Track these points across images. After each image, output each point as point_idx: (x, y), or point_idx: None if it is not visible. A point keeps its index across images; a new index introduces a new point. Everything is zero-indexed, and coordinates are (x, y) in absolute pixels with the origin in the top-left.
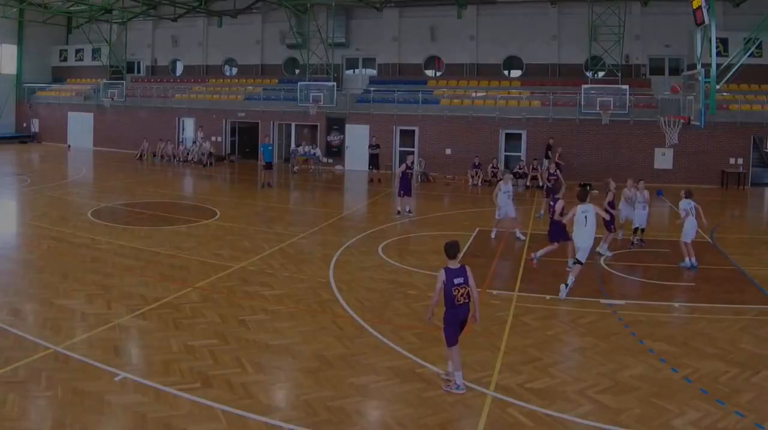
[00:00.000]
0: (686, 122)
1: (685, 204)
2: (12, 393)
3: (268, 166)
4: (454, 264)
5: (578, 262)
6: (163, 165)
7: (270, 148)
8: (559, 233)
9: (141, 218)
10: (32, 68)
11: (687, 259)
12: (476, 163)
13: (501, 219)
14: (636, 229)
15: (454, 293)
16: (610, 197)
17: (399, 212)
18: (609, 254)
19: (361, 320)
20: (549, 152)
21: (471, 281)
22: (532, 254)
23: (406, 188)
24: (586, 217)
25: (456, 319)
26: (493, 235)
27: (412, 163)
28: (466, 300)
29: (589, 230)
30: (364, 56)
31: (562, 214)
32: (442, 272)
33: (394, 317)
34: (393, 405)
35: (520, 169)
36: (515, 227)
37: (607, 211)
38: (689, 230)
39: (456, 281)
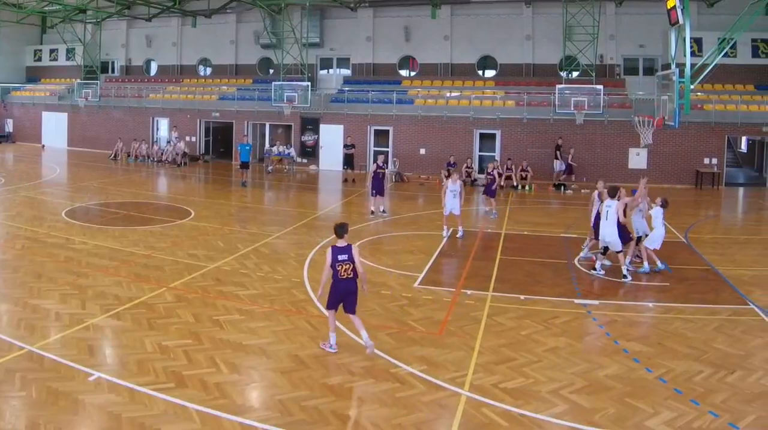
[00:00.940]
0: (659, 127)
1: (657, 212)
2: None
3: (244, 165)
4: (341, 243)
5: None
6: (137, 165)
7: (248, 147)
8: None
9: (115, 217)
10: (6, 68)
11: (646, 264)
12: (451, 163)
13: (447, 216)
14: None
15: (338, 268)
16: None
17: (373, 212)
18: (589, 254)
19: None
20: (558, 152)
21: (356, 259)
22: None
23: (378, 188)
24: (607, 211)
25: (338, 291)
26: (444, 233)
27: (384, 162)
28: (350, 275)
29: (609, 223)
30: (338, 56)
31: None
32: (329, 249)
33: (368, 317)
34: (367, 405)
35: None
36: (459, 225)
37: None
38: (656, 238)
39: (340, 257)
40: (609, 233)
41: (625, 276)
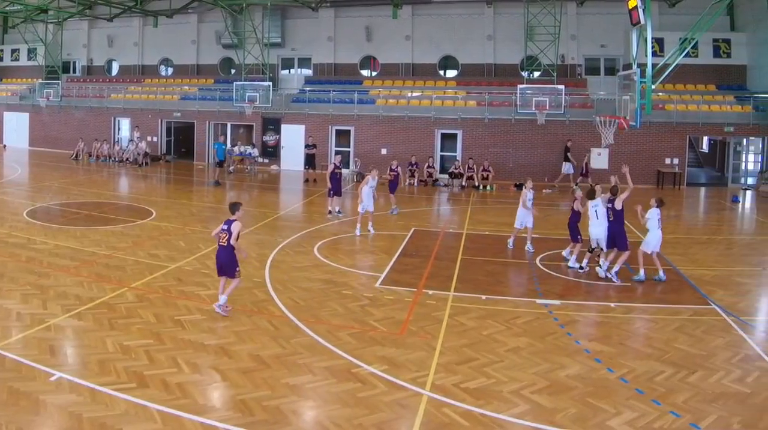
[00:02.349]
0: (621, 129)
1: (653, 213)
2: None
3: (220, 164)
4: (230, 217)
5: (600, 248)
6: (98, 165)
7: (223, 147)
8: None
9: (77, 217)
10: None
11: (642, 271)
12: (412, 163)
13: (362, 213)
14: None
15: (219, 235)
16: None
17: (330, 212)
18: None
19: (297, 320)
20: (568, 154)
21: (231, 230)
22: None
23: (335, 188)
24: (596, 211)
25: (217, 254)
26: (357, 231)
27: (340, 162)
28: (224, 243)
29: (601, 222)
30: (299, 56)
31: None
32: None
33: (330, 317)
34: (329, 405)
35: (455, 169)
36: (369, 220)
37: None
38: (652, 241)
39: (222, 227)
40: (600, 232)
41: (582, 268)
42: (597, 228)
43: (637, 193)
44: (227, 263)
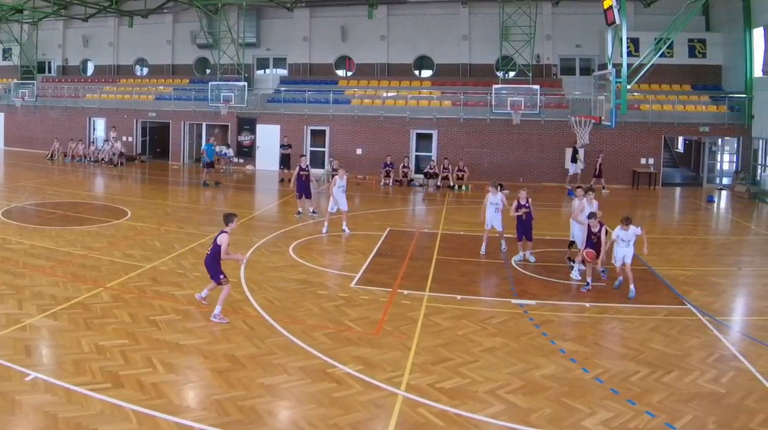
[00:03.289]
0: (597, 122)
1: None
2: None
3: (210, 164)
4: (223, 228)
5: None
6: (74, 165)
7: (212, 147)
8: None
9: (52, 217)
10: None
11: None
12: (388, 163)
13: (333, 213)
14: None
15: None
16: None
17: (299, 213)
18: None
19: (272, 320)
20: (576, 155)
21: (218, 243)
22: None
23: (301, 190)
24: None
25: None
26: (324, 230)
27: (306, 166)
28: (208, 251)
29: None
30: (274, 56)
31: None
32: None
33: (305, 317)
34: (304, 405)
35: (431, 169)
36: (344, 220)
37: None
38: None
39: (216, 236)
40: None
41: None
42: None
43: (611, 193)
44: (210, 269)
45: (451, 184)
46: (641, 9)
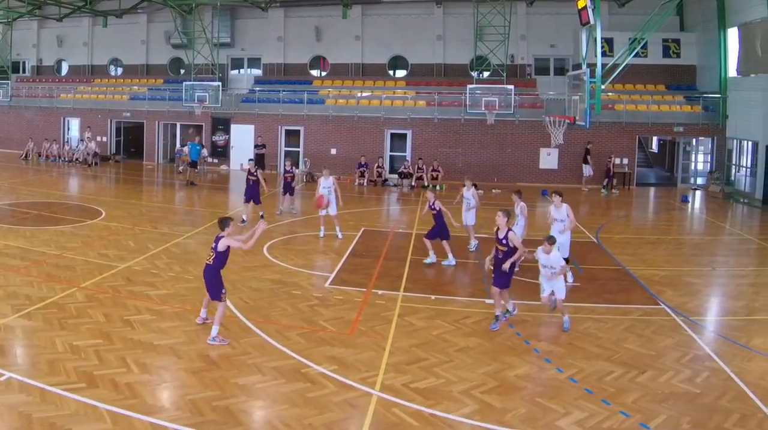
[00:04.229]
0: (571, 122)
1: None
2: None
3: (193, 164)
4: (220, 233)
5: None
6: (48, 165)
7: (198, 148)
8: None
9: (26, 217)
10: None
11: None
12: (362, 163)
13: (323, 215)
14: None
15: (210, 253)
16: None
17: (243, 221)
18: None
19: (247, 320)
20: (588, 157)
21: (218, 248)
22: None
23: (249, 195)
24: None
25: (203, 272)
26: (321, 234)
27: (256, 170)
28: (210, 262)
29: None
30: (249, 56)
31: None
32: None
33: (280, 317)
34: (278, 405)
35: (405, 169)
36: (336, 225)
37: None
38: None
39: (212, 245)
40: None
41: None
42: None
43: (585, 193)
44: (211, 284)
45: (426, 184)
46: (615, 9)
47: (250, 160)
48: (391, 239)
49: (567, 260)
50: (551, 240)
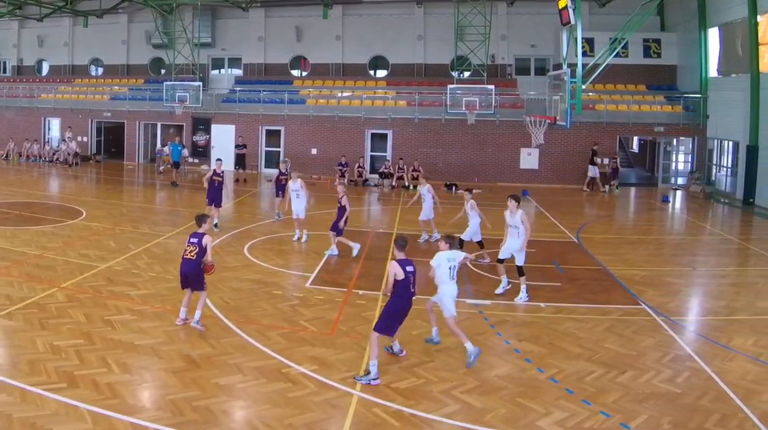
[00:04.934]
0: (552, 122)
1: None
2: None
3: (175, 165)
4: (197, 230)
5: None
6: (29, 165)
7: (179, 148)
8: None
9: (6, 218)
10: None
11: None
12: (343, 163)
13: (296, 219)
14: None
15: (186, 248)
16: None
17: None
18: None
19: (227, 320)
20: (595, 158)
21: (203, 245)
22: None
23: (212, 197)
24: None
25: (181, 268)
26: (295, 237)
27: (222, 172)
28: (192, 256)
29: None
30: (229, 56)
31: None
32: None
33: (260, 317)
34: (259, 405)
35: (386, 169)
36: (296, 227)
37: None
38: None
39: (191, 240)
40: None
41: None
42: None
43: (565, 193)
44: (194, 277)
45: (406, 184)
46: (596, 9)
47: (218, 160)
48: (372, 239)
49: (521, 270)
50: (448, 239)
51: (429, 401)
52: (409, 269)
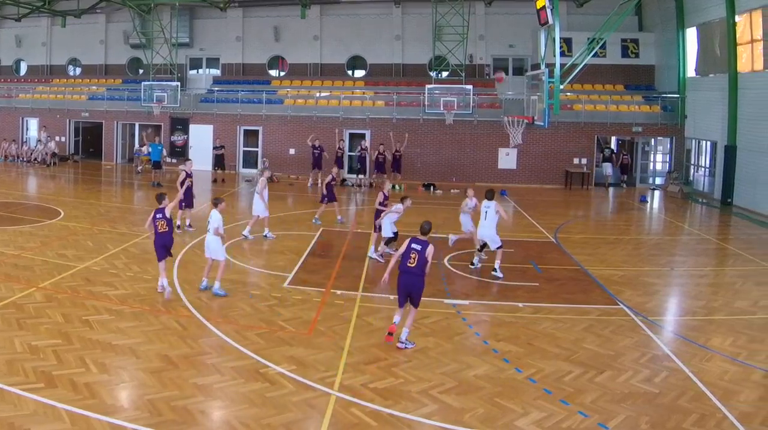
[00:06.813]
0: (530, 122)
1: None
2: None
3: (156, 165)
4: (159, 206)
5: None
6: (7, 165)
7: (159, 148)
8: None
9: None
10: None
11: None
12: (316, 146)
13: (262, 218)
14: None
15: (157, 224)
16: (381, 198)
17: (178, 227)
18: (377, 255)
19: (205, 320)
20: (612, 156)
21: (165, 214)
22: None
23: (188, 201)
24: (486, 212)
25: (157, 241)
26: (246, 232)
27: (191, 172)
28: (165, 229)
29: (488, 223)
30: (207, 56)
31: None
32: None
33: (238, 318)
34: (237, 405)
35: (361, 150)
36: (265, 226)
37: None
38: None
39: (156, 216)
40: (488, 232)
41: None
42: (485, 229)
43: (543, 193)
44: (169, 245)
45: (393, 184)
46: (574, 9)
47: (187, 160)
48: (350, 239)
49: (482, 247)
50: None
51: (407, 401)
52: (414, 245)
